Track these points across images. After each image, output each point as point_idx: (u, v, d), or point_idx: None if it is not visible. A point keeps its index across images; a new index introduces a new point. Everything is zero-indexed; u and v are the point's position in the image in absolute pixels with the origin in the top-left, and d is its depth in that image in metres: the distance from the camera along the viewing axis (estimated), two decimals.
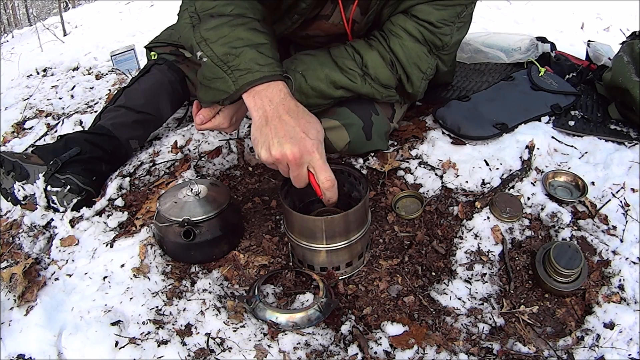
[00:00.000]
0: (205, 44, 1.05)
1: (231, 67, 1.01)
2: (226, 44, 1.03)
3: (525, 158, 1.35)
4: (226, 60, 1.02)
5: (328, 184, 0.99)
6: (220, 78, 1.03)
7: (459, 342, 0.98)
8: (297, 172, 0.99)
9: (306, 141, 0.97)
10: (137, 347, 0.97)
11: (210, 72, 1.04)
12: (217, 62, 1.03)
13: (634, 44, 1.53)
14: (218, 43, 1.04)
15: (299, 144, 0.96)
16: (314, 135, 0.98)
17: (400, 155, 1.43)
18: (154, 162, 1.49)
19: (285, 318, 1.01)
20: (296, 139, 0.96)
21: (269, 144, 0.97)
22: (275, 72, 1.01)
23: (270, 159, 0.98)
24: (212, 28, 1.06)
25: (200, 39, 1.06)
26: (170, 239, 1.14)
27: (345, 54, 1.27)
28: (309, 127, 0.99)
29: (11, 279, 1.11)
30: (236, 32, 1.04)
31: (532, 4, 3.19)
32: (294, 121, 0.97)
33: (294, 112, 0.99)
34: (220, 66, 1.02)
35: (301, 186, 1.02)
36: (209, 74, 1.05)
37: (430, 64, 1.30)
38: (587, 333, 0.99)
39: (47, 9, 9.31)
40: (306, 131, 0.98)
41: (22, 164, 1.32)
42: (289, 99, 1.00)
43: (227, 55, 1.02)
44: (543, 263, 1.09)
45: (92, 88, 2.26)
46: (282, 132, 0.96)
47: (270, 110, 0.98)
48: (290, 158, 0.96)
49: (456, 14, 1.23)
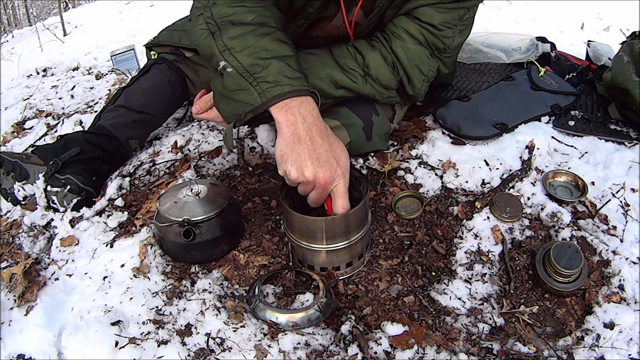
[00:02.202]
0: (230, 53, 1.01)
1: (257, 78, 0.98)
2: (252, 55, 0.99)
3: (525, 158, 1.35)
4: (253, 72, 0.98)
5: (342, 211, 1.02)
6: (244, 90, 0.98)
7: (459, 342, 0.98)
8: (320, 195, 1.00)
9: (337, 169, 0.98)
10: (137, 347, 0.97)
11: (234, 83, 1.00)
12: (242, 72, 0.99)
13: (634, 44, 1.53)
14: (243, 53, 1.00)
15: (331, 170, 0.97)
16: (343, 163, 1.00)
17: (400, 155, 1.43)
18: (154, 162, 1.49)
19: (285, 318, 1.01)
20: (329, 164, 0.97)
21: (302, 164, 0.96)
22: (304, 86, 0.99)
23: (300, 179, 0.97)
24: (236, 37, 1.02)
25: (224, 47, 1.02)
26: (170, 239, 1.14)
27: (347, 54, 1.27)
28: (340, 153, 1.00)
29: (11, 279, 1.11)
30: (262, 43, 1.01)
31: (532, 4, 3.19)
32: (327, 145, 0.98)
33: (326, 135, 0.99)
34: (246, 77, 0.98)
35: (315, 206, 1.04)
36: (232, 85, 1.00)
37: (432, 66, 1.30)
38: (587, 333, 0.99)
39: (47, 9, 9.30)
40: (337, 158, 0.99)
41: (22, 164, 1.32)
42: (321, 120, 1.00)
43: (254, 67, 0.98)
44: (543, 263, 1.09)
45: (92, 88, 2.26)
46: (315, 155, 0.96)
47: (302, 128, 0.96)
48: (321, 182, 0.97)
49: (459, 16, 1.24)
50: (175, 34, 1.58)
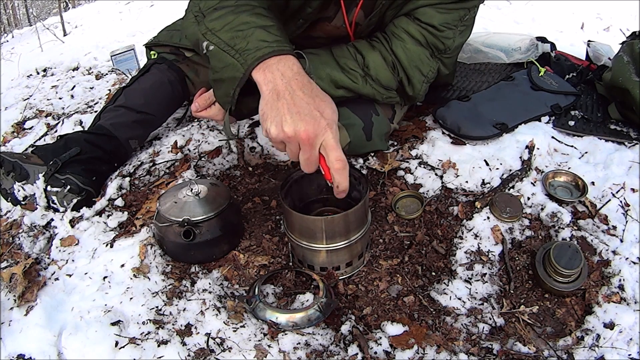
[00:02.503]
0: (211, 33, 1.02)
1: (239, 50, 0.97)
2: (232, 29, 0.99)
3: (525, 158, 1.35)
4: (233, 44, 0.97)
5: (338, 164, 0.92)
6: (228, 65, 0.98)
7: (459, 342, 0.98)
8: (309, 153, 0.91)
9: (321, 120, 0.89)
10: (137, 347, 0.97)
11: (218, 60, 1.00)
12: (223, 47, 0.98)
13: (634, 44, 1.53)
14: (223, 30, 1.00)
15: (314, 122, 0.88)
16: (329, 115, 0.91)
17: (400, 155, 1.43)
18: (154, 162, 1.49)
19: (285, 318, 1.01)
20: (311, 116, 0.89)
21: (281, 119, 0.89)
22: (284, 47, 0.96)
23: (280, 136, 0.90)
24: (216, 18, 1.02)
25: (205, 29, 1.03)
26: (170, 239, 1.14)
27: (347, 54, 1.27)
28: (324, 105, 0.92)
29: (11, 279, 1.11)
30: (241, 18, 1.00)
31: (532, 4, 3.19)
32: (308, 98, 0.90)
33: (308, 89, 0.92)
34: (227, 51, 0.98)
35: (311, 170, 0.95)
36: (217, 63, 1.00)
37: (432, 67, 1.30)
38: (587, 333, 0.99)
39: (47, 9, 9.30)
40: (321, 110, 0.90)
41: (22, 164, 1.32)
42: (303, 75, 0.94)
43: (234, 39, 0.98)
44: (543, 263, 1.09)
45: (92, 88, 2.26)
46: (295, 109, 0.89)
47: (282, 84, 0.91)
48: (303, 137, 0.88)
49: (459, 17, 1.23)
50: (175, 33, 1.58)
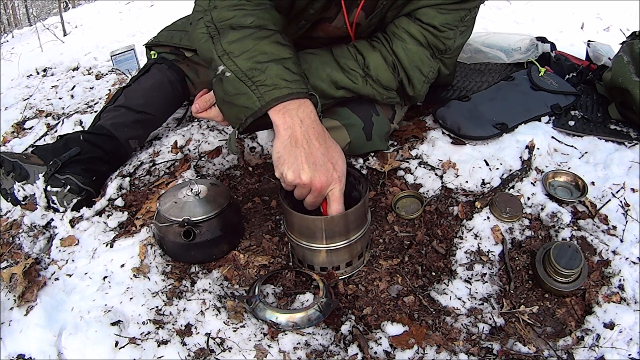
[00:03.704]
0: (228, 57, 1.01)
1: (256, 82, 0.98)
2: (250, 59, 0.99)
3: (525, 158, 1.35)
4: (251, 76, 0.98)
5: (335, 214, 1.02)
6: (243, 94, 0.99)
7: (459, 342, 0.98)
8: (316, 199, 1.01)
9: (334, 174, 0.98)
10: (137, 347, 0.97)
11: (233, 87, 1.00)
12: (241, 77, 0.99)
13: (634, 44, 1.53)
14: (242, 57, 1.00)
15: (327, 174, 0.97)
16: (340, 168, 1.00)
17: (400, 155, 1.43)
18: (154, 162, 1.49)
19: (285, 318, 1.01)
20: (325, 168, 0.97)
21: (299, 167, 0.96)
22: (302, 89, 0.99)
23: (296, 182, 0.97)
24: (234, 41, 1.02)
25: (222, 52, 1.02)
26: (170, 239, 1.14)
27: (347, 54, 1.27)
28: (336, 157, 1.00)
29: (11, 279, 1.11)
30: (260, 46, 1.01)
31: (532, 4, 3.19)
32: (323, 149, 0.97)
33: (323, 139, 0.98)
34: (244, 81, 0.98)
35: (310, 208, 1.04)
36: (231, 89, 1.00)
37: (433, 67, 1.30)
38: (587, 333, 0.99)
39: (47, 9, 9.30)
40: (334, 162, 0.98)
41: (22, 164, 1.32)
42: (319, 123, 0.99)
43: (252, 70, 0.98)
44: (543, 263, 1.09)
45: (92, 88, 2.26)
46: (312, 159, 0.96)
47: (300, 132, 0.96)
48: (317, 187, 0.97)
49: (460, 18, 1.23)
50: (175, 34, 1.58)
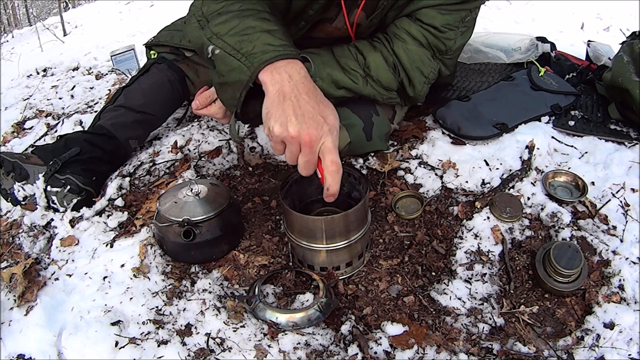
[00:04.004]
0: (217, 37, 1.02)
1: (245, 53, 0.97)
2: (237, 33, 1.00)
3: (525, 158, 1.35)
4: (239, 48, 0.98)
5: (333, 167, 0.93)
6: (235, 68, 0.98)
7: (459, 342, 0.98)
8: (308, 156, 0.93)
9: (324, 125, 0.92)
10: (137, 347, 0.97)
11: (224, 64, 1.00)
12: (230, 51, 0.99)
13: (634, 44, 1.53)
14: (229, 34, 1.01)
15: (317, 126, 0.91)
16: (331, 121, 0.94)
17: (400, 155, 1.43)
18: (154, 162, 1.49)
19: (285, 318, 1.01)
20: (314, 120, 0.91)
21: (286, 119, 0.91)
22: (291, 51, 0.97)
23: (283, 134, 0.91)
24: (221, 22, 1.03)
25: (211, 34, 1.03)
26: (170, 239, 1.14)
27: (348, 54, 1.27)
28: (327, 111, 0.94)
29: (11, 279, 1.11)
30: (246, 22, 1.01)
31: (532, 4, 3.19)
32: (313, 103, 0.93)
33: (313, 94, 0.94)
34: (233, 55, 0.98)
35: (308, 173, 0.96)
36: (223, 67, 1.01)
37: (433, 68, 1.30)
38: (587, 333, 0.99)
39: (47, 9, 9.30)
40: (324, 115, 0.93)
41: (22, 165, 1.32)
42: (309, 80, 0.96)
43: (240, 43, 0.98)
44: (543, 263, 1.09)
45: (92, 88, 2.26)
46: (300, 112, 0.91)
47: (288, 86, 0.93)
48: (306, 139, 0.90)
49: (460, 18, 1.23)
50: (175, 34, 1.58)
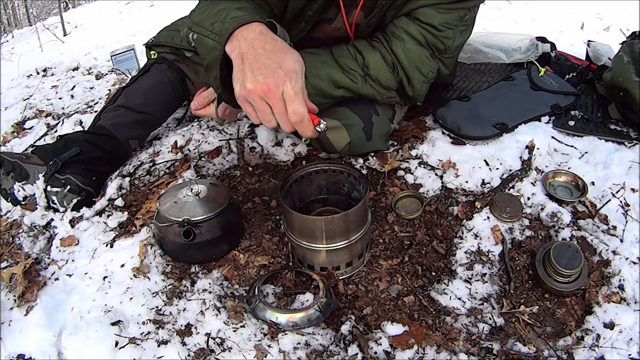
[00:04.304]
0: (196, 25, 1.08)
1: (217, 32, 1.01)
2: (212, 16, 1.05)
3: (525, 158, 1.35)
4: (212, 29, 1.03)
5: (295, 117, 0.90)
6: (211, 48, 1.03)
7: (459, 342, 0.98)
8: (277, 106, 0.90)
9: (278, 71, 0.89)
10: (137, 347, 0.97)
11: (203, 46, 1.06)
12: (205, 33, 1.04)
13: (634, 44, 1.53)
14: (204, 19, 1.07)
15: (272, 74, 0.89)
16: (288, 65, 0.90)
17: (400, 155, 1.43)
18: (154, 162, 1.49)
19: (285, 318, 1.01)
20: (269, 69, 0.89)
21: (243, 77, 0.91)
22: (254, 17, 0.98)
23: (243, 93, 0.91)
24: (199, 12, 1.10)
25: (191, 23, 1.10)
26: (170, 239, 1.14)
27: (347, 54, 1.27)
28: (285, 57, 0.91)
29: (11, 279, 1.11)
30: (219, 6, 1.06)
31: (532, 4, 3.19)
32: (269, 53, 0.91)
33: (270, 45, 0.93)
34: (208, 36, 1.03)
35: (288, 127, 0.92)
36: (202, 49, 1.06)
37: (432, 67, 1.30)
38: (587, 333, 0.99)
39: (47, 9, 9.30)
40: (280, 61, 0.90)
41: (22, 165, 1.32)
42: (266, 34, 0.95)
43: (214, 24, 1.03)
44: (543, 263, 1.09)
45: (92, 88, 2.26)
46: (255, 65, 0.90)
47: (245, 47, 0.93)
48: (263, 89, 0.89)
49: (459, 17, 1.23)
50: (175, 34, 1.58)
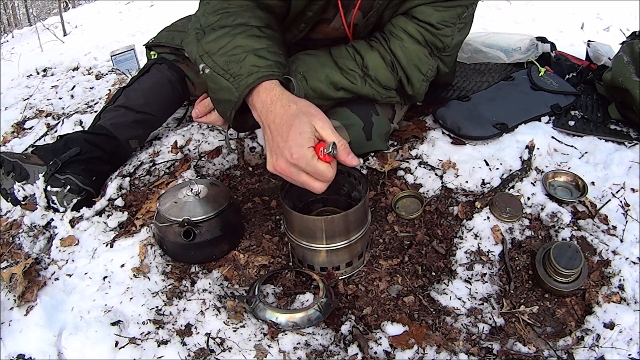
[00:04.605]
0: (207, 56, 1.06)
1: (233, 74, 1.01)
2: (226, 53, 1.04)
3: (525, 158, 1.35)
4: (227, 69, 1.02)
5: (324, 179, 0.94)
6: (224, 88, 1.02)
7: (459, 342, 0.98)
8: (299, 181, 0.95)
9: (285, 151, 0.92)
10: (137, 347, 0.97)
11: (214, 83, 1.04)
12: (219, 71, 1.03)
13: (634, 44, 1.53)
14: (218, 54, 1.05)
15: (282, 154, 0.93)
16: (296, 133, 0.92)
17: (400, 155, 1.43)
18: (154, 162, 1.49)
19: (285, 318, 1.01)
20: (279, 149, 0.94)
21: (267, 157, 0.98)
22: (274, 72, 1.00)
23: (270, 171, 0.98)
24: (212, 40, 1.07)
25: (202, 52, 1.07)
26: (170, 239, 1.14)
27: (346, 55, 1.27)
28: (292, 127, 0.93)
29: (11, 279, 1.11)
30: (235, 41, 1.04)
31: (532, 4, 3.19)
32: (278, 128, 0.94)
33: (280, 116, 0.95)
34: (222, 75, 1.02)
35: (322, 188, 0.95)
36: (213, 85, 1.05)
37: (431, 65, 1.29)
38: (587, 333, 0.99)
39: (47, 9, 9.30)
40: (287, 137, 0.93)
41: (22, 165, 1.32)
42: (275, 102, 0.96)
43: (228, 64, 1.02)
44: (543, 263, 1.09)
45: (92, 88, 2.26)
46: (271, 144, 0.96)
47: (264, 117, 0.98)
48: (279, 170, 0.95)
49: (457, 15, 1.23)
50: (175, 35, 1.58)
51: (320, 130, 0.93)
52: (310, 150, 0.92)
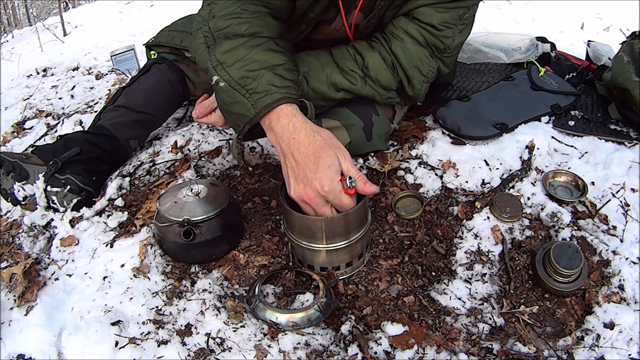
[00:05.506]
0: (222, 67, 1.04)
1: (249, 90, 1.00)
2: (242, 67, 1.02)
3: (525, 158, 1.35)
4: (244, 84, 1.01)
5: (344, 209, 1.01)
6: (238, 102, 1.01)
7: (459, 342, 0.98)
8: (321, 210, 1.00)
9: (314, 182, 0.96)
10: (137, 347, 0.97)
11: (229, 96, 1.03)
12: (234, 86, 1.01)
13: (634, 44, 1.53)
14: (234, 67, 1.02)
15: (310, 184, 0.97)
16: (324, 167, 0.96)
17: (400, 155, 1.43)
18: (154, 162, 1.49)
19: (285, 318, 1.01)
20: (307, 179, 0.97)
21: (289, 183, 1.01)
22: (292, 95, 1.00)
23: (294, 198, 1.01)
24: (227, 51, 1.04)
25: (216, 62, 1.05)
26: (170, 239, 1.14)
27: (346, 55, 1.27)
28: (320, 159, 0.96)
29: (11, 279, 1.11)
30: (252, 55, 1.03)
31: (532, 4, 3.19)
32: (305, 159, 0.97)
33: (305, 146, 0.97)
34: (238, 90, 1.01)
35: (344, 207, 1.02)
36: (227, 98, 1.03)
37: (432, 66, 1.29)
38: (587, 333, 0.99)
39: (47, 9, 9.30)
40: (315, 169, 0.96)
41: (22, 165, 1.32)
42: (299, 133, 0.98)
43: (245, 79, 1.01)
44: (543, 263, 1.09)
45: (92, 88, 2.26)
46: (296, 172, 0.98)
47: (285, 145, 0.99)
48: (304, 198, 0.99)
49: (458, 16, 1.23)
50: (175, 34, 1.58)
51: (341, 164, 0.98)
52: (339, 184, 0.97)
